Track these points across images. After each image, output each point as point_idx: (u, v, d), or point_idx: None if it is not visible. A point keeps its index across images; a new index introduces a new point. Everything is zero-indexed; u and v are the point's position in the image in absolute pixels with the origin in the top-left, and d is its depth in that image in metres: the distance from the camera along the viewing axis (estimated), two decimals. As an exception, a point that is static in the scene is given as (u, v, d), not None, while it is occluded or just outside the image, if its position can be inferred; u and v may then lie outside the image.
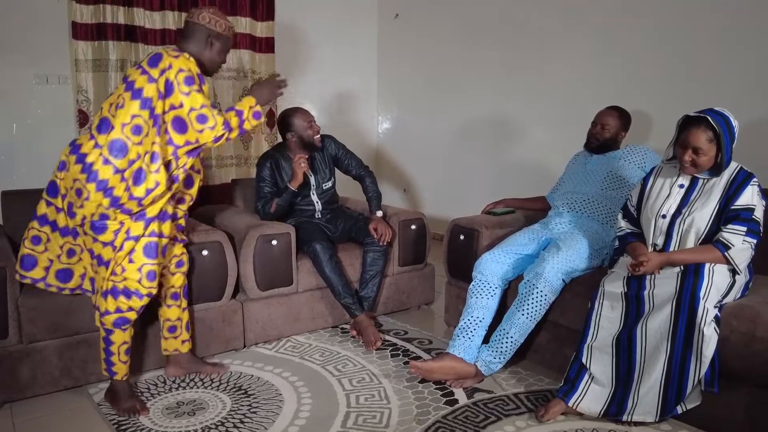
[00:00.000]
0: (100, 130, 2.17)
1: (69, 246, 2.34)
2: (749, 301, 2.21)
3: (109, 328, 2.27)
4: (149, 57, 2.21)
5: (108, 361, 2.33)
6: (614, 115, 2.98)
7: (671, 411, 2.13)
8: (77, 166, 2.16)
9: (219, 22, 2.33)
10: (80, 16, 3.85)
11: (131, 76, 2.20)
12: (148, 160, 2.17)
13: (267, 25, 4.56)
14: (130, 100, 2.15)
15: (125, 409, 2.31)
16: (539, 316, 2.55)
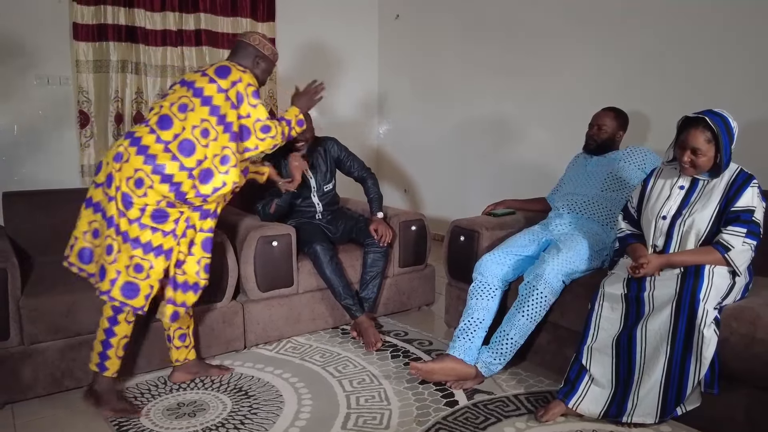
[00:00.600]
0: (162, 126, 2.27)
1: (96, 225, 2.31)
2: (749, 302, 2.21)
3: (119, 320, 2.29)
4: (217, 68, 2.35)
5: (103, 354, 2.32)
6: (610, 115, 2.99)
7: (671, 412, 2.14)
8: (139, 157, 2.23)
9: (267, 46, 2.54)
10: (81, 17, 3.86)
11: (198, 83, 2.32)
12: (218, 162, 2.30)
13: (268, 26, 4.57)
14: (200, 105, 2.29)
15: (120, 410, 2.32)
16: (539, 317, 2.56)
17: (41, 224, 2.98)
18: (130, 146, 2.25)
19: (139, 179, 2.21)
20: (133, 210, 2.22)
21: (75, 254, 2.34)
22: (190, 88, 2.33)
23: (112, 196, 2.23)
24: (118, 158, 2.25)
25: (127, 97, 4.08)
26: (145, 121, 2.33)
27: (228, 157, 2.31)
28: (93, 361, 2.34)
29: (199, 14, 4.25)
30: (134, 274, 2.24)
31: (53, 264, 2.76)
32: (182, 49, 4.23)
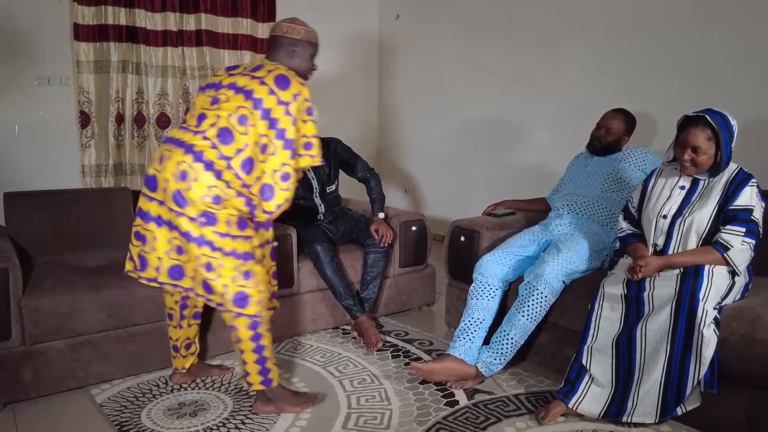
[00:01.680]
0: (222, 140, 2.14)
1: (177, 242, 2.20)
2: (749, 302, 2.22)
3: (260, 332, 2.22)
4: (276, 77, 2.20)
5: (264, 370, 2.27)
6: (620, 118, 2.96)
7: (671, 412, 2.14)
8: (208, 173, 2.11)
9: (296, 29, 2.38)
10: (82, 17, 3.87)
11: (257, 93, 2.17)
12: (278, 178, 2.21)
13: (268, 26, 4.57)
14: (259, 119, 2.16)
15: (301, 404, 2.36)
16: (539, 317, 2.56)
17: (42, 224, 2.99)
18: (194, 162, 2.10)
19: (216, 196, 2.11)
20: (220, 225, 2.13)
21: (165, 273, 2.23)
22: (248, 98, 2.17)
23: (193, 217, 2.11)
24: (184, 177, 2.10)
25: (128, 98, 4.09)
26: (201, 132, 2.16)
27: (288, 174, 2.21)
28: (255, 383, 2.29)
29: (199, 14, 4.26)
30: (242, 282, 2.17)
31: (54, 264, 2.77)
32: (183, 50, 4.23)
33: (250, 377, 2.28)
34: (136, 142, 4.12)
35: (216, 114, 2.18)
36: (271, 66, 2.27)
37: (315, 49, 2.45)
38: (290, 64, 2.34)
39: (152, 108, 4.16)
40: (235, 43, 4.43)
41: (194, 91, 4.27)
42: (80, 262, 2.82)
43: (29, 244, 2.94)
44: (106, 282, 2.58)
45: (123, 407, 2.39)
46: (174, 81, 4.22)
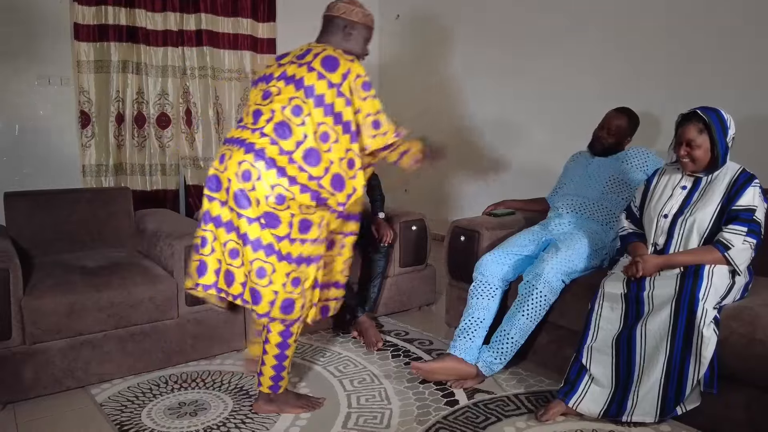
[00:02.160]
0: (281, 134, 2.08)
1: (232, 245, 2.16)
2: (749, 302, 2.22)
3: (289, 343, 2.23)
4: (323, 59, 2.11)
5: (277, 377, 2.27)
6: (623, 119, 2.92)
7: (671, 412, 2.14)
8: (270, 171, 2.06)
9: (354, 11, 2.26)
10: (82, 17, 3.87)
11: (307, 80, 2.09)
12: (345, 166, 2.14)
13: (268, 26, 4.58)
14: (314, 107, 2.08)
15: (301, 407, 2.35)
16: (539, 316, 2.56)
17: (43, 224, 2.99)
18: (256, 161, 2.05)
19: (280, 195, 2.06)
20: (282, 227, 2.09)
21: (222, 278, 2.19)
22: (299, 87, 2.09)
23: (252, 218, 2.07)
24: (247, 177, 2.05)
25: (128, 98, 4.09)
26: (259, 129, 2.10)
27: (353, 160, 2.14)
28: (264, 385, 2.28)
29: (199, 14, 4.26)
30: (291, 288, 2.15)
31: (55, 264, 2.77)
32: (183, 50, 4.24)
33: (262, 377, 2.29)
34: (137, 142, 4.12)
35: (270, 108, 2.11)
36: (318, 48, 2.17)
37: (370, 33, 2.33)
38: (343, 46, 2.24)
39: (152, 108, 4.16)
40: (235, 43, 4.44)
41: (194, 91, 4.28)
42: (80, 262, 2.82)
43: (29, 244, 2.94)
44: (106, 282, 2.58)
45: (123, 407, 2.39)
46: (174, 81, 4.23)
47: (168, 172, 4.23)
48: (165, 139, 4.21)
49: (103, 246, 3.12)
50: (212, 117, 4.34)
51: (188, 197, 4.33)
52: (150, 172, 4.17)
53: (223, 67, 4.41)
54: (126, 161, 4.11)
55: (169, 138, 4.22)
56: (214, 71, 4.35)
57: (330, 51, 2.14)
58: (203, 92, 4.32)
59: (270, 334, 2.21)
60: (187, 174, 4.30)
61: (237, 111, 4.47)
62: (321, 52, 2.13)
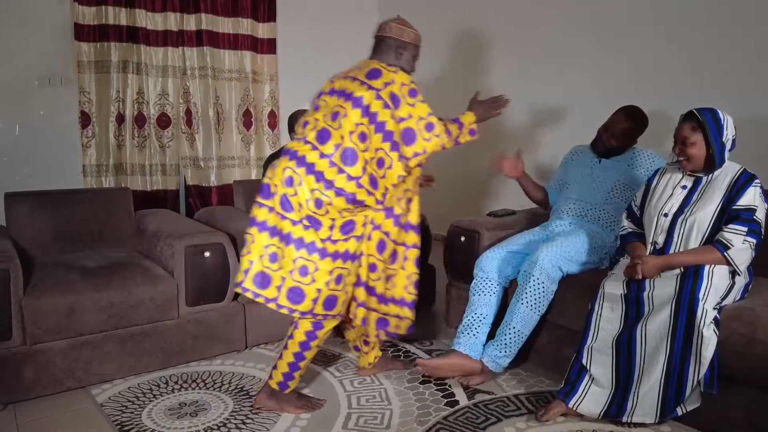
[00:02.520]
0: (321, 140, 2.18)
1: (273, 249, 2.21)
2: (749, 303, 2.22)
3: (311, 345, 2.28)
4: (368, 71, 2.24)
5: (288, 375, 2.31)
6: (629, 123, 2.85)
7: (671, 412, 2.14)
8: (309, 177, 2.15)
9: (405, 32, 2.37)
10: (82, 17, 3.87)
11: (350, 89, 2.22)
12: (375, 165, 2.21)
13: (269, 27, 4.58)
14: (351, 108, 2.18)
15: (301, 407, 2.36)
16: (541, 306, 2.56)
17: (43, 224, 3.00)
18: (297, 167, 2.16)
19: (318, 200, 2.15)
20: (323, 230, 2.18)
21: (250, 279, 2.22)
22: (341, 96, 2.23)
23: (296, 221, 2.17)
24: (290, 182, 2.16)
25: (129, 98, 4.09)
26: (303, 138, 2.23)
27: (383, 159, 2.20)
28: (274, 379, 2.33)
29: (200, 15, 4.26)
30: (334, 286, 2.22)
31: (55, 264, 2.77)
32: (183, 50, 4.24)
33: (275, 371, 2.33)
34: (137, 142, 4.13)
35: (314, 118, 2.25)
36: (365, 64, 2.31)
37: (418, 51, 2.46)
38: (396, 64, 2.33)
39: (153, 108, 4.16)
40: (235, 43, 4.43)
41: (194, 91, 4.28)
42: (81, 262, 2.82)
43: (30, 244, 2.94)
44: (106, 282, 2.58)
45: (124, 407, 2.40)
46: (174, 81, 4.23)
47: (168, 172, 4.23)
48: (165, 140, 4.21)
49: (103, 246, 3.12)
50: (212, 117, 4.34)
51: (188, 197, 4.33)
52: (150, 172, 4.17)
53: (224, 67, 4.41)
54: (126, 161, 4.11)
55: (169, 138, 4.22)
56: (214, 71, 4.35)
57: (375, 64, 2.27)
58: (203, 92, 4.32)
59: (296, 330, 2.27)
60: (187, 174, 4.30)
61: (237, 111, 4.47)
62: (368, 66, 2.27)
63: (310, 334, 2.27)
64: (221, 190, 4.39)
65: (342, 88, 2.25)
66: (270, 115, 4.62)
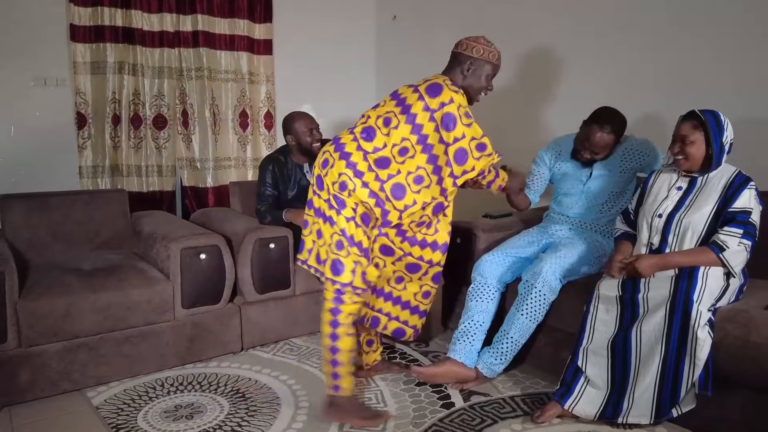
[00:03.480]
0: (365, 137, 2.29)
1: (317, 227, 2.32)
2: (743, 305, 2.23)
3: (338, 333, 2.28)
4: (429, 85, 2.26)
5: (335, 374, 2.30)
6: (608, 137, 2.67)
7: (666, 414, 2.15)
8: (341, 161, 2.25)
9: (477, 48, 2.37)
10: (78, 18, 3.86)
11: (408, 100, 2.27)
12: (411, 180, 2.27)
13: (265, 27, 4.56)
14: (404, 123, 2.25)
15: (365, 419, 2.31)
16: (539, 316, 2.57)
17: (39, 227, 3.00)
18: (334, 152, 2.28)
19: (343, 182, 2.23)
20: (347, 209, 2.24)
21: (314, 257, 2.36)
22: (399, 103, 2.30)
23: (326, 199, 2.27)
24: (325, 164, 2.29)
25: (125, 99, 4.08)
26: (350, 129, 2.36)
27: (422, 177, 2.28)
28: (327, 383, 2.33)
29: (196, 15, 4.25)
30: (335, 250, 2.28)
31: (50, 266, 2.77)
32: (179, 51, 4.23)
33: (326, 376, 2.35)
34: (133, 144, 4.11)
35: (368, 115, 2.37)
36: (432, 78, 2.33)
37: (493, 69, 2.43)
38: (462, 81, 2.37)
39: (149, 109, 4.15)
40: (231, 44, 4.42)
41: (191, 92, 4.27)
42: (76, 264, 2.82)
43: (25, 246, 2.94)
44: (102, 284, 2.58)
45: (119, 409, 2.40)
46: (170, 82, 4.21)
47: (164, 173, 4.21)
48: (161, 141, 4.20)
49: (99, 248, 3.12)
50: (209, 118, 4.33)
51: (185, 198, 4.32)
52: (146, 173, 4.16)
53: (220, 68, 4.39)
54: (122, 162, 4.09)
55: (165, 139, 4.21)
56: (210, 72, 4.34)
57: (438, 80, 2.29)
58: (200, 93, 4.30)
59: (322, 313, 2.31)
60: (183, 175, 4.29)
61: (233, 112, 4.46)
62: (432, 80, 2.30)
63: (334, 310, 2.26)
64: (218, 191, 4.38)
65: (403, 95, 2.31)
66: (266, 116, 4.61)
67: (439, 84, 2.26)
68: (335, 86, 5.16)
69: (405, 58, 5.29)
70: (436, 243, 2.49)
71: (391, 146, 2.26)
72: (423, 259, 2.49)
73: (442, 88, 2.25)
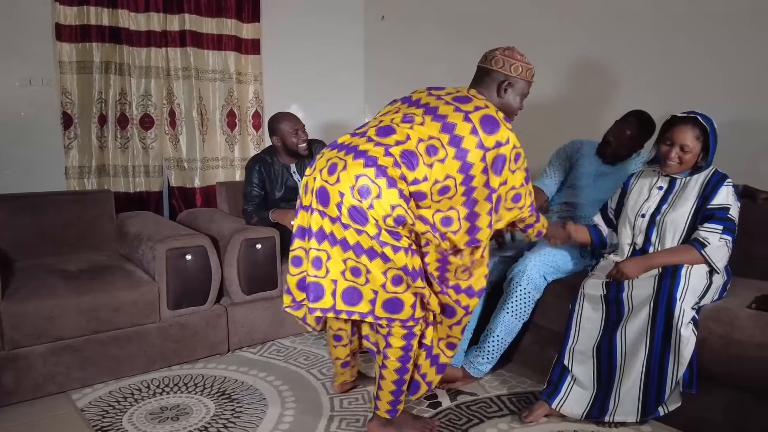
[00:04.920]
0: (408, 163, 1.90)
1: (353, 264, 1.93)
2: (727, 303, 2.24)
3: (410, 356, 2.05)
4: (483, 116, 1.97)
5: (397, 400, 2.11)
6: (638, 131, 2.76)
7: (652, 412, 2.16)
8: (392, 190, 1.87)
9: (515, 65, 2.14)
10: (64, 17, 3.83)
11: (458, 129, 1.94)
12: (438, 220, 1.99)
13: (253, 27, 4.55)
14: (452, 158, 1.93)
15: (420, 428, 2.21)
16: (525, 314, 2.57)
17: (24, 228, 2.97)
18: (378, 177, 1.86)
19: (400, 216, 1.88)
20: (403, 239, 1.91)
21: (339, 298, 1.96)
22: (446, 131, 1.94)
23: (372, 235, 1.88)
24: (366, 193, 1.86)
25: (111, 99, 4.05)
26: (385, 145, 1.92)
27: (451, 219, 1.99)
28: (381, 409, 2.12)
29: (183, 15, 4.22)
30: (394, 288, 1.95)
31: (35, 267, 2.75)
32: (167, 50, 4.20)
33: (379, 401, 2.12)
34: (120, 144, 4.08)
35: (406, 133, 1.95)
36: (480, 102, 2.04)
37: (528, 88, 2.20)
38: (498, 101, 2.13)
39: (135, 109, 4.12)
40: (219, 44, 4.40)
41: (178, 92, 4.25)
42: (62, 265, 2.80)
43: (10, 247, 2.92)
44: (87, 285, 2.57)
45: (105, 411, 2.38)
46: (158, 82, 4.19)
47: (151, 173, 4.19)
48: (148, 141, 4.17)
49: (85, 249, 3.10)
50: (196, 118, 4.31)
51: (172, 199, 4.30)
52: (133, 173, 4.13)
53: (207, 67, 4.37)
54: (109, 163, 4.06)
55: (152, 139, 4.18)
56: (198, 72, 4.32)
57: (492, 111, 2.01)
58: (187, 93, 4.28)
59: (389, 348, 2.02)
60: (170, 175, 4.27)
61: (221, 112, 4.44)
62: (483, 109, 2.01)
63: (407, 346, 2.02)
64: (205, 192, 4.35)
65: (451, 121, 1.96)
66: (254, 115, 4.60)
67: (495, 118, 1.99)
68: (323, 86, 5.15)
69: (393, 58, 5.28)
70: (471, 288, 2.17)
71: (432, 183, 1.92)
72: (460, 304, 2.16)
73: (499, 124, 1.98)
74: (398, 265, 1.90)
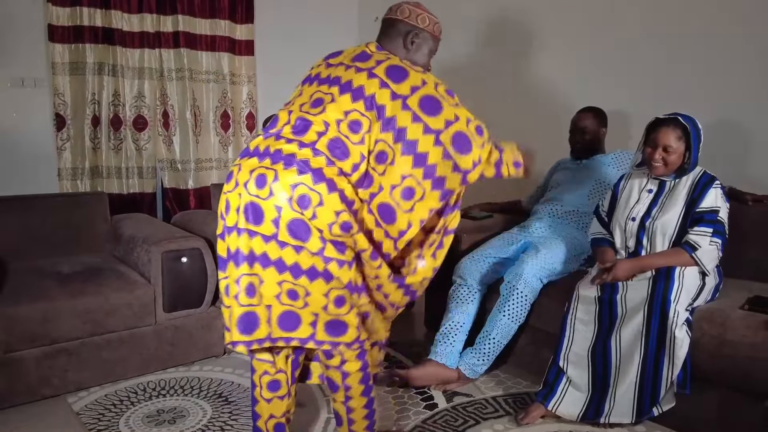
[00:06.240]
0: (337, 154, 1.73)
1: (289, 286, 1.73)
2: (719, 304, 2.27)
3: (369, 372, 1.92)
4: (388, 67, 1.80)
5: (372, 423, 1.98)
6: (589, 116, 2.99)
7: (647, 413, 2.18)
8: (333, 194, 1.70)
9: (421, 16, 1.95)
10: (57, 18, 3.81)
11: (367, 89, 1.76)
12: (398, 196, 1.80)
13: (247, 28, 4.54)
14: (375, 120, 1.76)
15: None
16: (521, 317, 2.59)
17: (17, 230, 2.95)
18: (316, 183, 1.68)
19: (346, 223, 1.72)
20: (347, 252, 1.75)
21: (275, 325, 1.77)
22: (358, 97, 1.76)
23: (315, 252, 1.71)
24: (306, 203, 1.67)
25: (104, 100, 4.03)
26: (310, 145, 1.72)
27: (412, 189, 1.79)
28: None
29: (176, 16, 4.21)
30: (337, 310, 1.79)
31: (29, 270, 2.73)
32: (160, 51, 4.19)
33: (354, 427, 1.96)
34: (113, 145, 4.07)
35: (322, 120, 1.76)
36: (381, 56, 1.86)
37: (436, 44, 2.04)
38: (405, 56, 1.94)
39: (129, 110, 4.11)
40: (213, 45, 4.39)
41: (171, 93, 4.23)
42: (55, 268, 2.78)
43: (3, 250, 2.89)
44: (81, 288, 2.56)
45: (101, 415, 2.37)
46: (151, 83, 4.18)
47: (145, 175, 4.18)
48: (142, 142, 4.16)
49: (78, 252, 3.09)
50: (190, 119, 4.30)
51: (165, 200, 4.29)
52: (126, 175, 4.12)
53: (201, 68, 4.36)
54: (102, 164, 4.05)
55: (146, 140, 4.17)
56: (191, 73, 4.31)
57: (396, 61, 1.84)
58: (180, 94, 4.27)
59: (349, 377, 1.87)
60: (164, 177, 4.26)
61: (215, 113, 4.44)
62: (385, 60, 1.83)
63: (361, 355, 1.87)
64: (199, 193, 4.34)
65: (358, 85, 1.78)
66: (248, 116, 4.59)
67: (400, 66, 1.82)
68: (317, 87, 5.13)
69: (387, 59, 5.27)
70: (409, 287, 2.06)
71: (367, 155, 1.77)
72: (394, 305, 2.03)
73: (407, 71, 1.82)
74: (343, 282, 1.73)
